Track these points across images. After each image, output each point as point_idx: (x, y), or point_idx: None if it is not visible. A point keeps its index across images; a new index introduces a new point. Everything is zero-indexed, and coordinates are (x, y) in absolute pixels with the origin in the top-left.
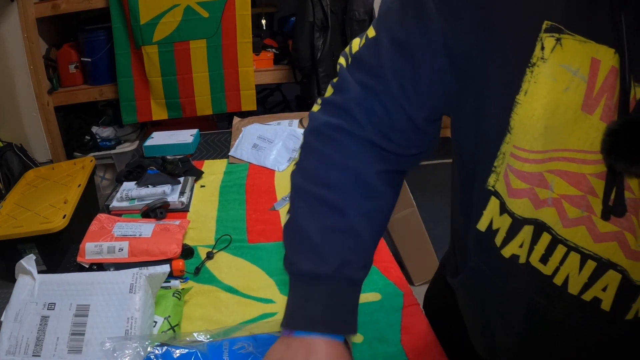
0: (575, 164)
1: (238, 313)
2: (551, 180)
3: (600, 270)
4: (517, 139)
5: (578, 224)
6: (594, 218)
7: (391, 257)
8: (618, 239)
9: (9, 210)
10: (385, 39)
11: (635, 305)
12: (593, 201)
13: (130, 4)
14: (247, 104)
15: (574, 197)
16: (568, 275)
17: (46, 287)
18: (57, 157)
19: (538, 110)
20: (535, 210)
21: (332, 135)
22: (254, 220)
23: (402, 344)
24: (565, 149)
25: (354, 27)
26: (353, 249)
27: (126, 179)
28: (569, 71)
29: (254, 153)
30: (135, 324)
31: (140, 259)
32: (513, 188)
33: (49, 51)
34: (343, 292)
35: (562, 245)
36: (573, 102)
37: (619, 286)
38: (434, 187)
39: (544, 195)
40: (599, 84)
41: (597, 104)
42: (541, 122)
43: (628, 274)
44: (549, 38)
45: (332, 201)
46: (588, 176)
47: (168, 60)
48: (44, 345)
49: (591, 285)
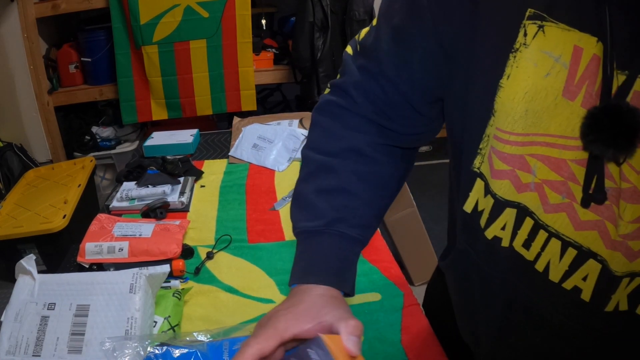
0: (557, 149)
1: (238, 313)
2: (534, 164)
3: (580, 258)
4: (500, 121)
5: (559, 210)
6: (575, 205)
7: (391, 257)
8: (599, 228)
9: (9, 210)
10: (384, 25)
11: (614, 296)
12: (574, 188)
13: (130, 4)
14: (247, 104)
15: (555, 182)
16: (549, 262)
17: (46, 287)
18: (57, 157)
19: (519, 93)
20: (518, 193)
21: (332, 111)
22: (254, 220)
23: (402, 344)
24: (547, 134)
25: (354, 27)
26: (347, 207)
27: (126, 179)
28: (550, 57)
29: (254, 153)
30: (135, 324)
31: (140, 259)
32: (495, 169)
33: (49, 51)
34: (336, 247)
35: (543, 231)
36: (554, 88)
37: (599, 276)
38: (434, 187)
39: (527, 179)
40: (580, 71)
41: (579, 91)
42: (522, 105)
43: (608, 264)
44: (532, 25)
45: (327, 165)
46: (569, 162)
47: (168, 60)
48: (44, 345)
49: (572, 273)
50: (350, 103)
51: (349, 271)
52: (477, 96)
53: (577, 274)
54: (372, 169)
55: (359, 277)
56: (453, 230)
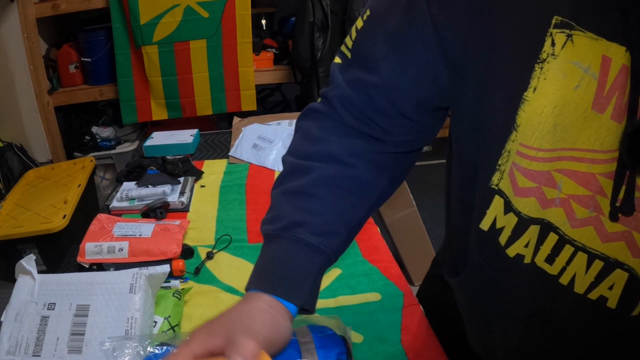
0: (585, 163)
1: None
2: (559, 179)
3: (607, 269)
4: (524, 136)
5: (586, 225)
6: (602, 218)
7: (391, 257)
8: (626, 239)
9: (9, 210)
10: (379, 29)
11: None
12: (602, 201)
13: (130, 4)
14: (247, 104)
15: (583, 197)
16: (575, 275)
17: (46, 287)
18: (57, 157)
19: (547, 107)
20: (542, 210)
21: (314, 117)
22: (254, 220)
23: (402, 344)
24: (575, 149)
25: None
26: (309, 210)
27: (126, 179)
28: (579, 68)
29: (254, 153)
30: (135, 324)
31: (140, 259)
32: (520, 187)
33: (49, 51)
34: (293, 254)
35: (569, 246)
36: (583, 100)
37: (626, 284)
38: (434, 187)
39: (552, 195)
40: (609, 82)
41: (608, 103)
42: (550, 120)
43: (635, 272)
44: (560, 34)
45: (299, 167)
46: (597, 176)
47: (168, 60)
48: (44, 345)
49: (598, 284)
50: (333, 112)
51: (305, 282)
52: (495, 109)
53: (603, 284)
54: (346, 174)
55: (359, 277)
56: (459, 246)
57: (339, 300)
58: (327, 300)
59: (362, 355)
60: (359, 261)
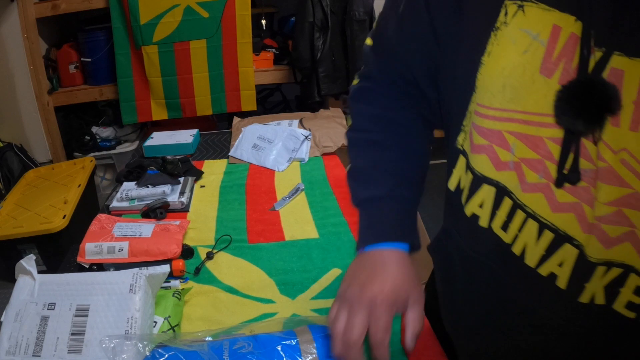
0: (533, 126)
1: (238, 313)
2: (512, 142)
3: (557, 242)
4: (480, 96)
5: (536, 190)
6: (552, 186)
7: None
8: (575, 211)
9: (9, 210)
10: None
11: (589, 286)
12: (551, 167)
13: (130, 4)
14: (247, 104)
15: (533, 160)
16: (526, 245)
17: (46, 287)
18: (57, 157)
19: (497, 69)
20: (497, 171)
21: (363, 95)
22: (254, 220)
23: (402, 344)
24: (524, 111)
25: (354, 27)
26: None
27: (126, 179)
28: (528, 35)
29: (254, 153)
30: (135, 324)
31: (140, 259)
32: (475, 144)
33: (49, 51)
34: (398, 208)
35: (521, 211)
36: (531, 64)
37: (575, 263)
38: (434, 187)
39: (506, 157)
40: (558, 48)
41: (556, 68)
42: (499, 80)
43: (584, 249)
44: (512, 5)
45: (372, 140)
46: (546, 140)
47: (168, 61)
48: (44, 345)
49: (547, 258)
50: (375, 85)
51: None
52: (462, 74)
53: (553, 259)
54: (409, 137)
55: None
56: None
57: None
58: (327, 300)
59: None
60: None
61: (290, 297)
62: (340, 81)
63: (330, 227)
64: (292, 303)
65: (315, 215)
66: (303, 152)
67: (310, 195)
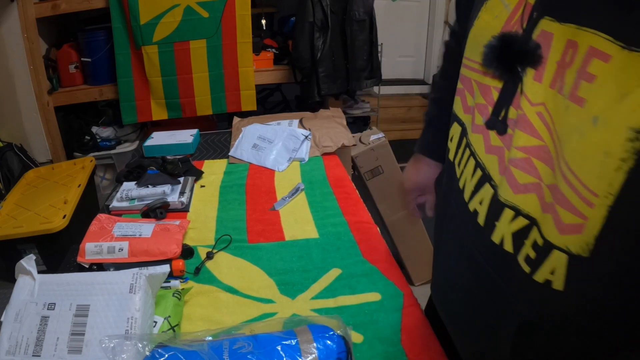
0: (488, 77)
1: (238, 313)
2: (475, 88)
3: (482, 181)
4: (466, 50)
5: (478, 132)
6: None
7: (391, 257)
8: (499, 154)
9: (9, 210)
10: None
11: (499, 225)
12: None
13: (130, 4)
14: (247, 104)
15: (481, 105)
16: (466, 181)
17: (46, 287)
18: (57, 157)
19: (478, 29)
20: (464, 114)
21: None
22: (254, 220)
23: (402, 344)
24: (479, 62)
25: (353, 27)
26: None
27: (126, 179)
28: (502, 3)
29: (254, 153)
30: (135, 324)
31: (140, 259)
32: (458, 88)
33: (49, 51)
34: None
35: (468, 150)
36: (496, 25)
37: (490, 201)
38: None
39: (470, 102)
40: (517, 15)
41: (512, 30)
42: (476, 38)
43: (497, 189)
44: None
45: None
46: (492, 89)
47: (168, 61)
48: (44, 345)
49: (475, 194)
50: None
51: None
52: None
53: (477, 197)
54: None
55: (359, 277)
56: None
57: (339, 300)
58: (327, 300)
59: (362, 355)
60: (359, 261)
61: (290, 297)
62: (340, 81)
63: (330, 227)
64: (292, 303)
65: (315, 215)
66: (303, 152)
67: (310, 195)
